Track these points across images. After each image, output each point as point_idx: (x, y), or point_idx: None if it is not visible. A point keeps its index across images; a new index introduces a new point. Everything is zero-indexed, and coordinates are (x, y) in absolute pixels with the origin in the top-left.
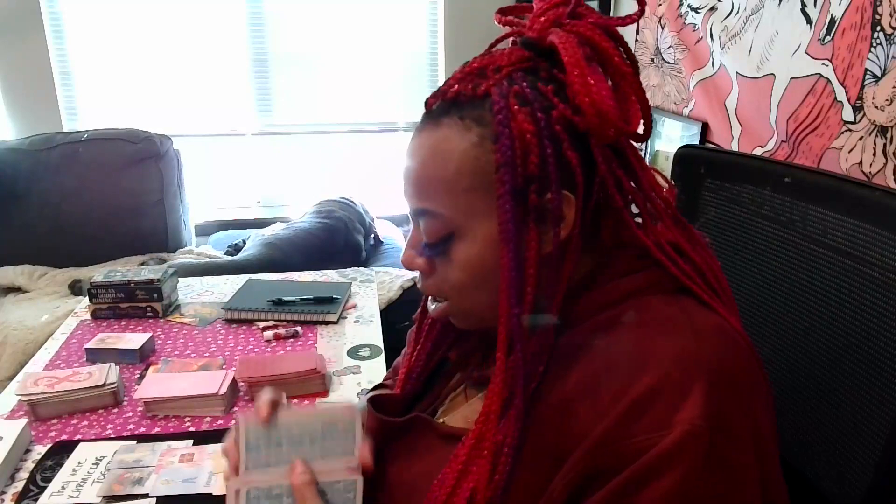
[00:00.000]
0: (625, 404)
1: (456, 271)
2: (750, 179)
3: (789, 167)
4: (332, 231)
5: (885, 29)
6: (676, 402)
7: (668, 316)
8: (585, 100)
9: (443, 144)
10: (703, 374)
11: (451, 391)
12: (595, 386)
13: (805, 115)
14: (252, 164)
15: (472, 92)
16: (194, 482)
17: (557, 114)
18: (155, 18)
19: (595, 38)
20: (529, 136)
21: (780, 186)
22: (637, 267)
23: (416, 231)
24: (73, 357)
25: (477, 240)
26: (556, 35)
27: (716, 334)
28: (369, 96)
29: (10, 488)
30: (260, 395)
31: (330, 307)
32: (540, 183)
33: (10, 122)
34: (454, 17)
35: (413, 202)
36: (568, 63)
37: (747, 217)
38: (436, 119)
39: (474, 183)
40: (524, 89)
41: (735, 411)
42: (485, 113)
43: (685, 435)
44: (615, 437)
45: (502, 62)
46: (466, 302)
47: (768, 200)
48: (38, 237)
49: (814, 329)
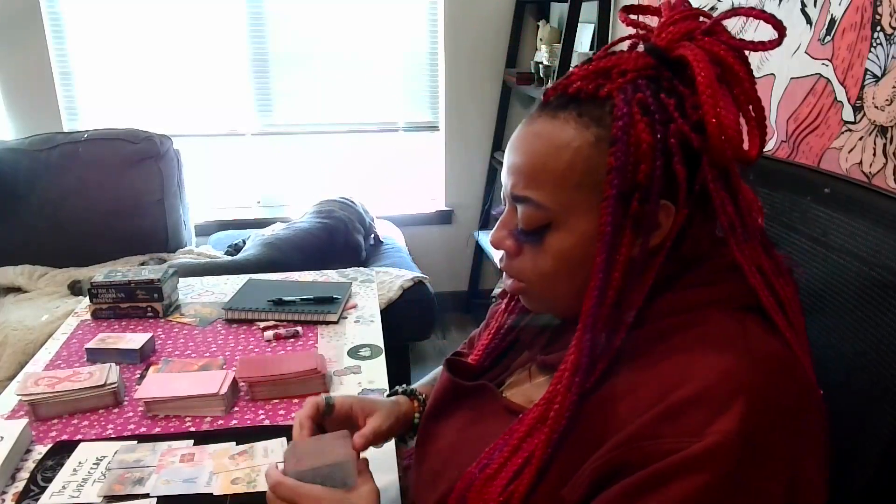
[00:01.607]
0: (661, 407)
1: (546, 259)
2: (792, 188)
3: (831, 177)
4: (332, 231)
5: (885, 29)
6: (713, 414)
7: (726, 332)
8: (713, 121)
9: (559, 137)
10: (746, 393)
11: (518, 367)
12: (638, 387)
13: (805, 115)
14: (252, 164)
15: (594, 91)
16: (195, 482)
17: (675, 128)
18: (155, 18)
19: (729, 60)
20: (645, 147)
21: (820, 197)
22: (712, 279)
23: (510, 214)
24: (74, 357)
25: (573, 233)
26: (689, 50)
27: (769, 360)
28: (369, 96)
29: (11, 488)
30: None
31: (330, 307)
32: (644, 192)
33: (10, 122)
34: (454, 17)
35: (517, 188)
36: (701, 81)
37: (783, 227)
38: (553, 111)
39: (583, 180)
40: (647, 98)
41: (772, 437)
42: (604, 114)
43: (715, 445)
44: (644, 435)
45: (628, 66)
46: (546, 289)
47: (806, 211)
48: (38, 237)
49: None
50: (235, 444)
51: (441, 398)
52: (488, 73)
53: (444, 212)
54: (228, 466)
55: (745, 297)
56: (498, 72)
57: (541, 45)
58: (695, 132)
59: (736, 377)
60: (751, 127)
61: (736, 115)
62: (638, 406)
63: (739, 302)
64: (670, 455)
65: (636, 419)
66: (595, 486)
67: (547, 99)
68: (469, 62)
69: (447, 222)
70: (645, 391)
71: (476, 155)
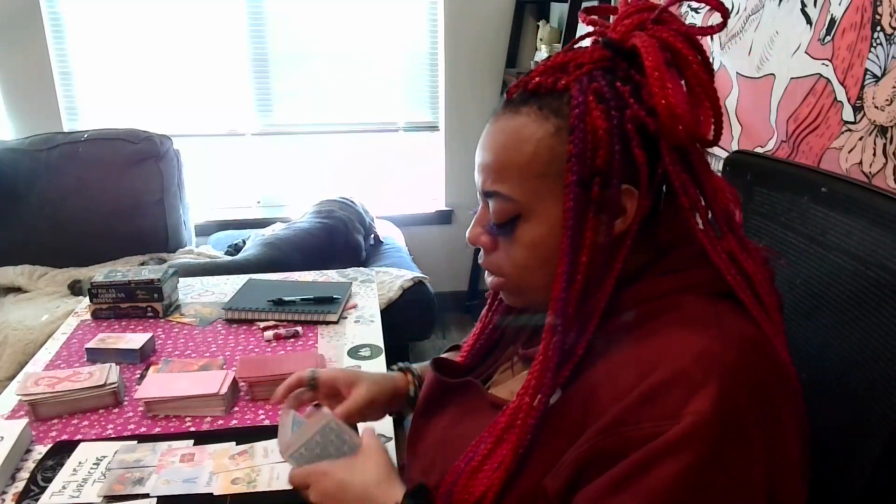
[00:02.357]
0: (638, 392)
1: (519, 250)
2: (790, 188)
3: (829, 177)
4: (332, 231)
5: (885, 29)
6: (688, 395)
7: (699, 315)
8: (661, 102)
9: (521, 131)
10: (720, 373)
11: (503, 363)
12: (617, 374)
13: (805, 115)
14: (252, 164)
15: (552, 85)
16: (195, 482)
17: (631, 113)
18: (155, 18)
19: (676, 45)
20: (602, 133)
21: (818, 197)
22: (684, 266)
23: (484, 210)
24: (74, 357)
25: (542, 222)
26: (639, 38)
27: (742, 341)
28: (369, 96)
29: (11, 488)
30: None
31: (330, 307)
32: (604, 177)
33: (10, 122)
34: (454, 17)
35: (486, 183)
36: (648, 66)
37: (781, 227)
38: (515, 107)
39: (547, 170)
40: (602, 87)
41: (748, 414)
42: (563, 105)
43: (692, 426)
44: (623, 421)
45: (584, 59)
46: (523, 280)
47: (805, 210)
48: (38, 237)
49: (827, 343)
50: (235, 444)
51: (428, 396)
52: (488, 73)
53: (444, 212)
54: (228, 466)
55: (718, 283)
56: (498, 72)
57: (541, 45)
58: (650, 116)
59: (710, 358)
60: (704, 109)
61: (685, 95)
62: (617, 391)
63: (712, 287)
64: (650, 440)
65: (615, 405)
66: (577, 474)
67: (510, 96)
68: (469, 62)
69: (447, 222)
70: (623, 376)
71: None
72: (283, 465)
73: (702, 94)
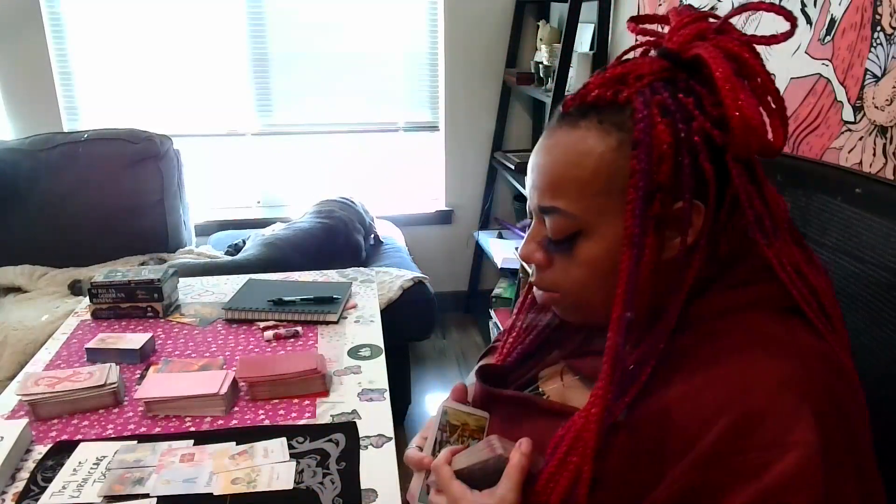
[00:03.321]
0: (730, 420)
1: (579, 268)
2: (823, 189)
3: (863, 177)
4: (332, 231)
5: (885, 29)
6: (788, 423)
7: (774, 337)
8: (735, 114)
9: (581, 145)
10: (810, 400)
11: (548, 366)
12: (697, 396)
13: (805, 115)
14: (252, 164)
15: (612, 97)
16: (195, 482)
17: (697, 125)
18: (155, 18)
19: (743, 55)
20: (666, 147)
21: (851, 197)
22: (750, 280)
23: (538, 225)
24: (74, 357)
25: (604, 240)
26: (703, 48)
27: (820, 362)
28: (369, 96)
29: (11, 488)
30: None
31: (330, 307)
32: (667, 193)
33: (10, 122)
34: (454, 17)
35: (543, 199)
36: (719, 77)
37: (812, 229)
38: (574, 121)
39: (609, 186)
40: (666, 100)
41: (842, 440)
42: (625, 119)
43: (803, 458)
44: (725, 451)
45: (644, 70)
46: (580, 298)
47: (837, 213)
48: (38, 237)
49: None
50: (235, 444)
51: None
52: (488, 73)
53: (444, 212)
54: (228, 466)
55: (784, 299)
56: (498, 72)
57: (541, 45)
58: (717, 128)
59: (795, 384)
60: (773, 118)
61: (757, 105)
62: (702, 417)
63: (779, 303)
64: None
65: (704, 435)
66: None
67: (566, 109)
68: (469, 62)
69: (447, 222)
70: (704, 403)
71: (476, 155)
72: (283, 464)
73: (770, 105)
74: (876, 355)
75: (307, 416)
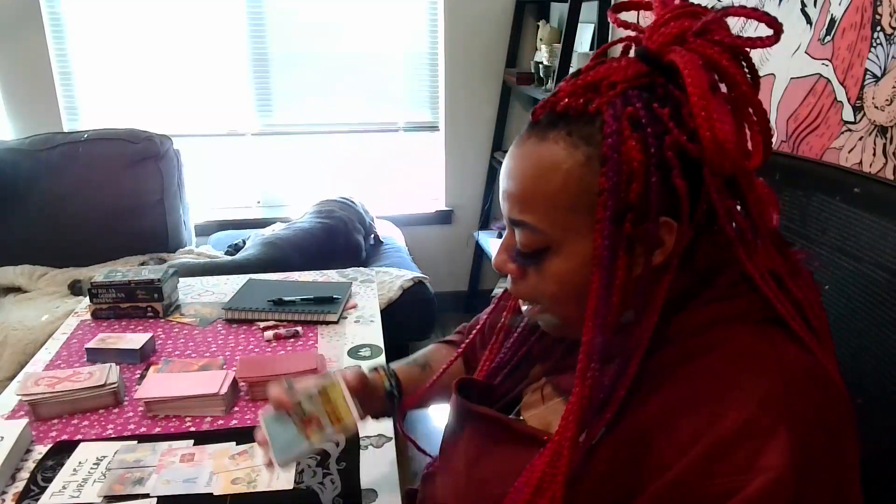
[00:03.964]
0: (706, 444)
1: (548, 283)
2: (821, 188)
3: (862, 177)
4: (332, 231)
5: (885, 29)
6: (760, 446)
7: (756, 351)
8: (707, 134)
9: (549, 159)
10: (788, 419)
11: (531, 384)
12: (675, 419)
13: (805, 115)
14: (252, 164)
15: (582, 107)
16: (195, 482)
17: (671, 140)
18: (155, 18)
19: (722, 63)
20: (636, 165)
21: (849, 197)
22: (730, 293)
23: (510, 236)
24: (74, 357)
25: (572, 256)
26: (679, 55)
27: (804, 376)
28: (369, 96)
29: (11, 488)
30: (269, 391)
31: (330, 307)
32: (637, 212)
33: (10, 122)
34: (454, 17)
35: (512, 212)
36: (692, 93)
37: (811, 228)
38: (543, 131)
39: (577, 202)
40: (638, 111)
41: (819, 461)
42: (594, 132)
43: (770, 483)
44: (695, 477)
45: (617, 77)
46: (557, 311)
47: (836, 212)
48: (38, 237)
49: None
50: (235, 444)
51: (455, 419)
52: (488, 73)
53: (444, 212)
54: (228, 466)
55: (766, 309)
56: (498, 72)
57: (541, 45)
58: (692, 142)
59: (775, 403)
60: (753, 132)
61: (733, 124)
62: (678, 441)
63: (761, 314)
64: (728, 497)
65: (681, 457)
66: None
67: (536, 118)
68: (469, 62)
69: (447, 222)
70: (683, 424)
71: (476, 155)
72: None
73: (750, 117)
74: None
75: None
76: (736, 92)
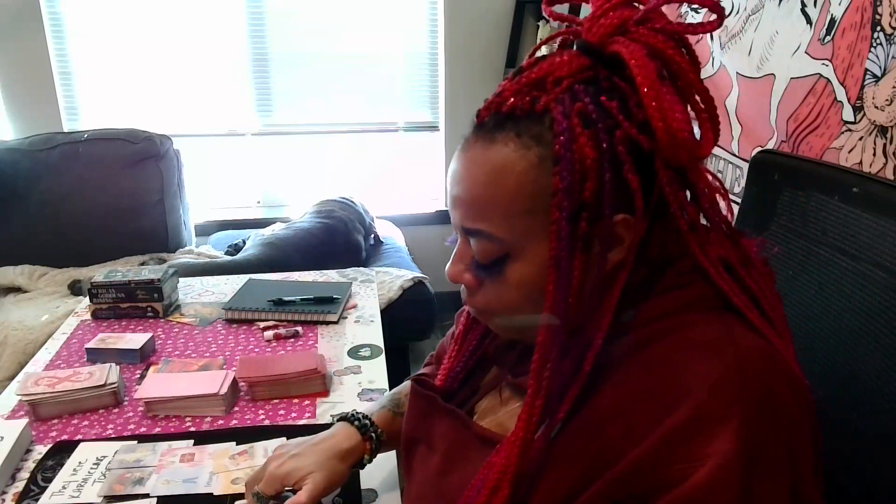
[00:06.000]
0: (661, 432)
1: (510, 291)
2: (820, 188)
3: (861, 177)
4: (332, 231)
5: (885, 29)
6: (710, 433)
7: (709, 338)
8: (660, 125)
9: (500, 163)
10: (741, 404)
11: (489, 389)
12: (629, 408)
13: (805, 115)
14: (252, 164)
15: (529, 106)
16: (195, 482)
17: (622, 133)
18: (155, 18)
19: (667, 52)
20: (590, 163)
21: (848, 196)
22: (683, 282)
23: (464, 245)
24: (74, 357)
25: (532, 261)
26: (623, 45)
27: (758, 359)
28: (369, 96)
29: (11, 488)
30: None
31: (330, 307)
32: (592, 211)
33: (10, 122)
34: (454, 17)
35: (465, 221)
36: (640, 82)
37: (809, 228)
38: (490, 133)
39: (533, 205)
40: (587, 106)
41: (770, 446)
42: (544, 131)
43: (717, 469)
44: (653, 463)
45: (562, 73)
46: (515, 318)
47: (834, 212)
48: (38, 237)
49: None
50: (235, 444)
51: (414, 422)
52: (488, 73)
53: (444, 212)
54: (228, 466)
55: (721, 297)
56: (498, 72)
57: None
58: (643, 134)
59: (727, 387)
60: (702, 120)
61: (684, 112)
62: (632, 430)
63: (716, 301)
64: (677, 484)
65: (636, 446)
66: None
67: (481, 120)
68: (469, 62)
69: (447, 222)
70: (637, 413)
71: None
72: None
73: (698, 104)
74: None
75: (307, 416)
76: (683, 80)
